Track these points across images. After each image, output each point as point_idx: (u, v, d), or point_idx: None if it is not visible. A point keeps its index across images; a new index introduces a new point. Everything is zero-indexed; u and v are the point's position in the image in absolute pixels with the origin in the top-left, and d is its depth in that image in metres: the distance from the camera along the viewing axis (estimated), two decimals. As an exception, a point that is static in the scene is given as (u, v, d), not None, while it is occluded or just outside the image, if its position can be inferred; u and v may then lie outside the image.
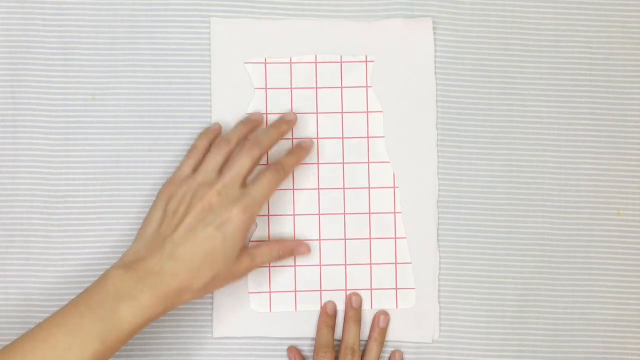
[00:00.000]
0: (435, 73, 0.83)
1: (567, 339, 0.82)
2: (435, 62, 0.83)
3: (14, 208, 0.80)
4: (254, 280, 0.81)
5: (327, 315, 0.80)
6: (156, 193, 0.80)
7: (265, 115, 0.82)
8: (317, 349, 0.79)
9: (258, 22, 0.82)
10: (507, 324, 0.82)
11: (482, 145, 0.82)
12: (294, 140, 0.81)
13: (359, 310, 0.80)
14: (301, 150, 0.80)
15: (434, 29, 0.83)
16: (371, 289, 0.81)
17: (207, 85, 0.82)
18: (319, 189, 0.81)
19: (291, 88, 0.82)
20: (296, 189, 0.81)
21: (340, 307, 0.81)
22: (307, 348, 0.81)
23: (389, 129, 0.82)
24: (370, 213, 0.81)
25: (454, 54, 0.83)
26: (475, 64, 0.83)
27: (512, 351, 0.81)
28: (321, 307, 0.81)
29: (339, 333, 0.81)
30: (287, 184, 0.81)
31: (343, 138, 0.82)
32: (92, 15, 0.81)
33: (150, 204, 0.80)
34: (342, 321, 0.81)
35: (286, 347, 0.81)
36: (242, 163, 0.75)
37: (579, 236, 0.82)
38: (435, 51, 0.83)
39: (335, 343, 0.80)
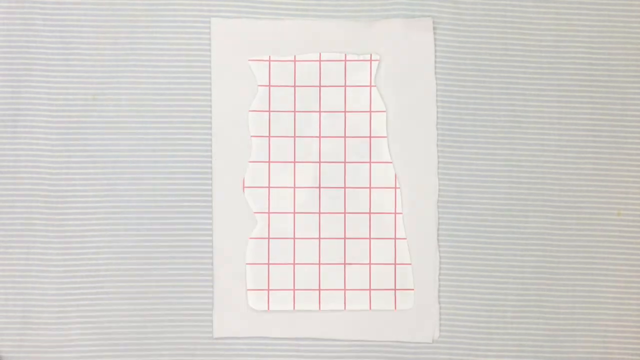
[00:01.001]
0: (436, 73, 0.83)
1: (567, 339, 0.82)
2: (436, 62, 0.83)
3: (14, 208, 0.80)
4: (253, 277, 0.81)
5: None
6: (156, 193, 0.81)
7: (268, 113, 0.82)
8: None
9: (259, 21, 0.82)
10: (507, 324, 0.81)
11: (482, 145, 0.82)
12: (296, 138, 0.81)
13: None
14: None
15: (434, 29, 0.83)
16: (370, 289, 0.81)
17: (207, 85, 0.82)
18: (319, 187, 0.81)
19: (294, 86, 0.82)
20: (297, 187, 0.81)
21: (339, 307, 0.81)
22: (306, 348, 0.81)
23: (390, 129, 0.82)
24: (370, 213, 0.81)
25: (454, 54, 0.83)
26: (475, 64, 0.83)
27: (512, 351, 0.81)
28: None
29: (331, 334, 0.81)
30: (288, 181, 0.81)
31: (345, 137, 0.82)
32: (92, 15, 0.81)
33: (150, 203, 0.81)
34: (338, 321, 0.81)
35: (286, 347, 0.81)
36: None
37: (579, 236, 0.82)
38: (435, 51, 0.83)
39: (330, 341, 0.80)
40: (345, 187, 0.81)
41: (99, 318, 0.79)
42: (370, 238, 0.81)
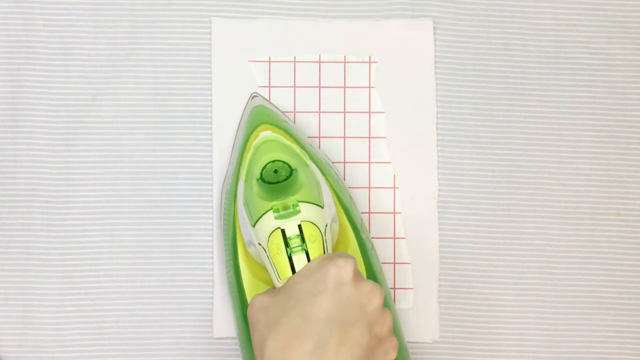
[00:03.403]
0: (435, 73, 0.83)
1: (567, 339, 0.82)
2: (435, 62, 0.83)
3: (14, 208, 0.80)
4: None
5: None
6: (156, 193, 0.80)
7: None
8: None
9: (259, 22, 0.82)
10: (507, 324, 0.81)
11: (482, 145, 0.82)
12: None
13: None
14: None
15: (434, 29, 0.83)
16: (371, 289, 0.81)
17: (207, 85, 0.82)
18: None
19: (294, 87, 0.82)
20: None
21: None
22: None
23: (389, 129, 0.82)
24: (369, 212, 0.81)
25: (454, 54, 0.83)
26: (475, 64, 0.83)
27: (512, 351, 0.81)
28: None
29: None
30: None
31: (345, 137, 0.82)
32: (92, 15, 0.81)
33: (150, 203, 0.80)
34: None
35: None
36: None
37: (579, 236, 0.82)
38: (435, 51, 0.83)
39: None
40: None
41: (99, 318, 0.79)
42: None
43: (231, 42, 0.82)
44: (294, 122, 0.81)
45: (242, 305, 0.74)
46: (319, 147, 0.81)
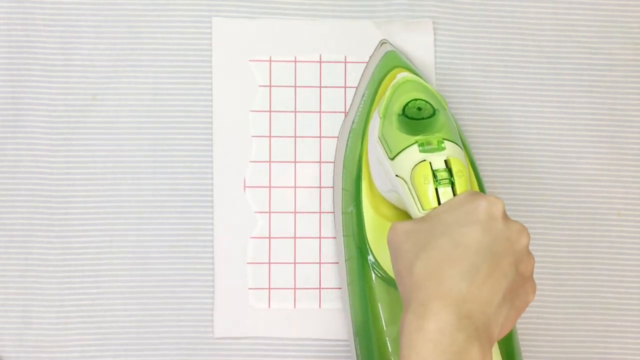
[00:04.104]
0: (435, 73, 0.83)
1: (567, 339, 0.82)
2: (435, 62, 0.83)
3: (14, 208, 0.80)
4: (254, 276, 0.81)
5: None
6: (156, 193, 0.81)
7: (269, 113, 0.82)
8: None
9: (259, 21, 0.82)
10: (508, 324, 0.81)
11: (482, 146, 0.82)
12: (297, 139, 0.82)
13: None
14: None
15: (434, 29, 0.83)
16: (371, 289, 0.81)
17: (208, 85, 0.82)
18: (320, 187, 0.81)
19: (295, 86, 0.82)
20: (297, 187, 0.81)
21: (340, 306, 0.81)
22: (306, 348, 0.81)
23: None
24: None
25: (454, 54, 0.83)
26: (475, 64, 0.83)
27: (512, 351, 0.81)
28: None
29: (331, 333, 0.81)
30: (289, 181, 0.81)
31: (345, 137, 0.82)
32: (92, 15, 0.81)
33: (151, 203, 0.80)
34: (338, 320, 0.81)
35: (286, 347, 0.80)
36: None
37: (579, 236, 0.82)
38: (435, 51, 0.83)
39: (331, 341, 0.80)
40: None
41: (99, 318, 0.79)
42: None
43: (232, 41, 0.82)
44: (295, 123, 0.81)
45: (359, 239, 0.75)
46: (320, 147, 0.81)
